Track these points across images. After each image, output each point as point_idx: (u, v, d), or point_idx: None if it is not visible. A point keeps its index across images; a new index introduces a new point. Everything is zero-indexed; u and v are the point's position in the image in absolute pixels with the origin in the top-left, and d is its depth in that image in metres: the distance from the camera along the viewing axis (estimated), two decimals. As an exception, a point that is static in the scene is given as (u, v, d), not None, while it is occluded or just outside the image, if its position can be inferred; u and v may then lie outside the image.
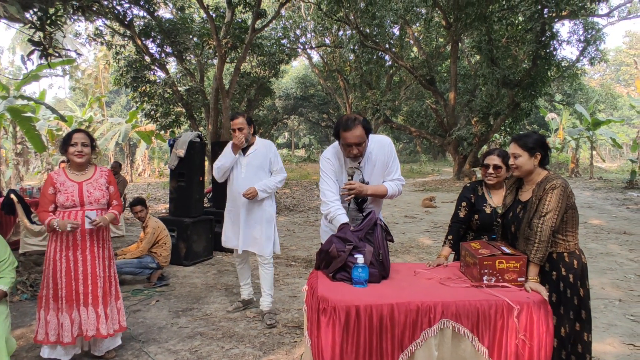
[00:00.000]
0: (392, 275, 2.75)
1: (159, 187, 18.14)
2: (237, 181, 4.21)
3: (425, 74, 18.96)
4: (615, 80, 52.58)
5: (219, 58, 14.40)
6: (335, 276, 2.64)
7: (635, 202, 13.27)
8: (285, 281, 5.55)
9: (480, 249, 2.67)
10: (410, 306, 2.36)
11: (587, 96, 29.64)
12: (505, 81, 15.92)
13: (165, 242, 5.57)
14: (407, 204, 12.85)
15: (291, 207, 12.20)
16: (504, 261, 2.59)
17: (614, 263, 6.45)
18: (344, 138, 2.91)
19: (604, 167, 31.54)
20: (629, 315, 4.44)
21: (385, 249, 2.68)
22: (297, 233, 8.69)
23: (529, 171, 2.71)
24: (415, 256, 6.69)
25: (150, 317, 4.41)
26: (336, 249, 2.65)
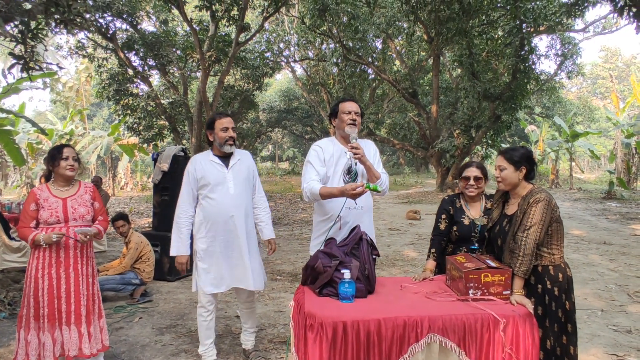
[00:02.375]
0: (378, 290, 2.75)
1: (141, 201, 17.92)
2: (226, 199, 3.40)
3: (407, 87, 19.17)
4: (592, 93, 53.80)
5: (202, 71, 14.37)
6: (321, 292, 2.63)
7: (614, 212, 13.51)
8: (270, 295, 5.51)
9: (465, 263, 2.69)
10: (397, 321, 2.36)
11: (565, 109, 30.28)
12: (486, 94, 16.18)
13: (148, 258, 5.49)
14: (391, 216, 12.90)
15: (275, 221, 12.15)
16: (490, 274, 2.61)
17: (596, 273, 6.54)
18: (344, 106, 3.15)
19: (583, 178, 32.11)
20: (612, 325, 4.50)
21: (371, 264, 2.68)
22: (282, 247, 8.65)
23: (513, 184, 2.74)
24: (401, 269, 6.71)
25: (133, 334, 4.33)
26: (322, 264, 2.65)
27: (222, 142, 3.46)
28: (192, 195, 3.48)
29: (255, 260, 3.56)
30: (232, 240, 3.43)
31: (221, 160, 3.50)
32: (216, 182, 3.43)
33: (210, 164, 3.48)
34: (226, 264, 3.44)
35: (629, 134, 20.09)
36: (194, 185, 3.47)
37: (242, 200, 3.48)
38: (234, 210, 3.43)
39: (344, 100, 3.21)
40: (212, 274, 3.43)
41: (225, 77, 16.04)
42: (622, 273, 6.55)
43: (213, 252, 3.43)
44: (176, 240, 3.46)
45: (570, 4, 13.41)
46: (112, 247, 8.69)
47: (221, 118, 3.49)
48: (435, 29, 17.36)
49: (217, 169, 3.47)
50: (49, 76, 13.49)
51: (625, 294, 5.53)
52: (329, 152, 3.12)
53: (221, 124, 3.46)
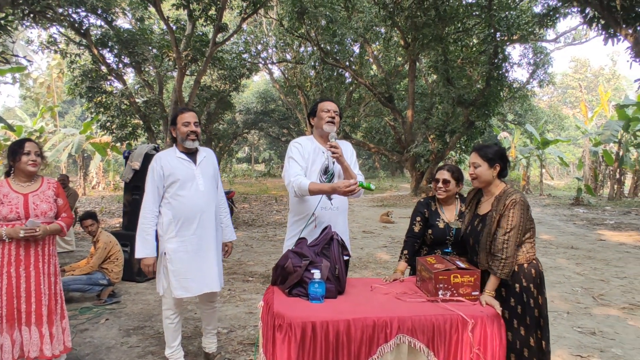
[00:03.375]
0: (349, 290, 2.73)
1: (113, 201, 17.56)
2: (196, 196, 3.30)
3: (384, 91, 19.31)
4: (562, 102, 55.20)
5: (178, 70, 14.18)
6: (291, 292, 2.60)
7: (581, 218, 13.85)
8: (241, 297, 5.44)
9: (435, 264, 2.69)
10: (366, 322, 2.34)
11: (536, 116, 30.92)
12: (460, 100, 16.41)
13: (117, 258, 5.36)
14: (365, 219, 12.94)
15: (250, 222, 12.06)
16: (459, 275, 2.61)
17: (563, 277, 6.66)
18: (324, 105, 3.16)
19: (552, 185, 32.87)
20: (577, 327, 4.58)
21: (341, 264, 2.66)
22: (255, 248, 8.58)
23: (487, 182, 2.75)
24: (373, 271, 6.71)
25: (98, 336, 4.20)
26: (292, 264, 2.61)
27: (183, 137, 3.35)
28: (157, 194, 3.33)
29: (220, 260, 3.51)
30: (204, 238, 3.34)
31: (188, 157, 3.40)
32: (185, 178, 3.32)
33: (178, 161, 3.37)
34: (197, 266, 3.31)
35: (596, 142, 20.64)
36: (159, 183, 3.32)
37: (211, 198, 3.41)
38: (205, 207, 3.34)
39: (324, 99, 3.21)
40: (182, 276, 3.29)
41: (201, 77, 15.86)
42: (588, 277, 6.69)
43: (184, 253, 3.29)
44: (142, 241, 3.29)
45: (542, 14, 13.73)
46: (80, 246, 8.47)
47: (183, 113, 3.39)
48: (411, 35, 17.54)
49: (186, 166, 3.36)
50: (19, 71, 13.12)
51: (590, 297, 5.65)
52: (307, 149, 3.09)
53: (183, 118, 3.36)
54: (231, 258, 7.52)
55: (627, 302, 5.44)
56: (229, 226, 3.66)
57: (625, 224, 12.28)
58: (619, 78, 54.70)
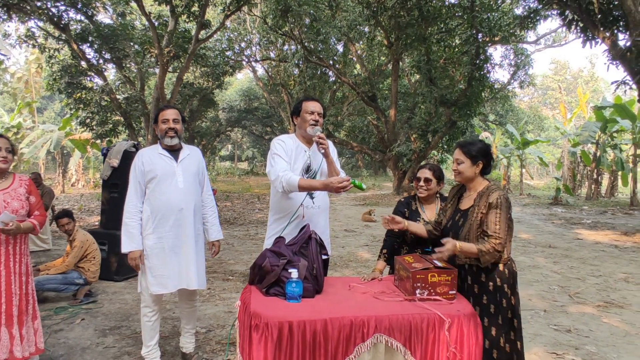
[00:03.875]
0: (327, 290, 2.71)
1: (93, 199, 17.29)
2: (174, 193, 3.29)
3: (367, 90, 19.35)
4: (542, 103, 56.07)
5: (160, 67, 14.03)
6: (268, 291, 2.57)
7: (560, 217, 14.07)
8: (221, 296, 5.39)
9: (413, 263, 2.69)
10: (343, 321, 2.33)
11: (517, 117, 31.39)
12: (443, 100, 16.53)
13: (94, 257, 5.26)
14: (347, 217, 12.96)
15: (231, 220, 11.98)
16: (436, 274, 2.62)
17: (540, 275, 6.75)
18: (307, 106, 3.08)
19: (532, 184, 33.34)
20: (553, 325, 4.64)
21: (319, 263, 2.64)
22: (236, 247, 8.52)
23: (469, 178, 2.77)
24: (354, 270, 6.72)
25: (73, 337, 4.12)
26: (270, 263, 2.59)
27: (162, 134, 3.35)
28: (140, 189, 3.33)
29: (201, 258, 3.47)
30: (181, 236, 3.32)
31: (170, 154, 3.39)
32: (164, 174, 3.31)
33: (159, 157, 3.36)
34: (174, 262, 3.30)
35: (575, 143, 21.01)
36: (141, 179, 3.32)
37: (191, 195, 3.38)
38: (183, 204, 3.31)
39: (308, 99, 3.14)
40: (159, 272, 3.28)
41: (184, 74, 15.71)
42: (565, 275, 6.79)
43: (161, 249, 3.28)
44: (127, 235, 3.27)
45: (523, 16, 13.90)
46: (57, 245, 8.31)
47: (164, 110, 3.39)
48: (395, 35, 17.61)
49: (166, 162, 3.36)
50: (-5, 65, 12.82)
51: (566, 295, 5.73)
52: (290, 147, 3.06)
53: (162, 115, 3.36)
54: (211, 257, 7.45)
55: (601, 300, 5.53)
56: (216, 225, 3.63)
57: (601, 224, 12.51)
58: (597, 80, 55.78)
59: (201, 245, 3.49)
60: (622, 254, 8.43)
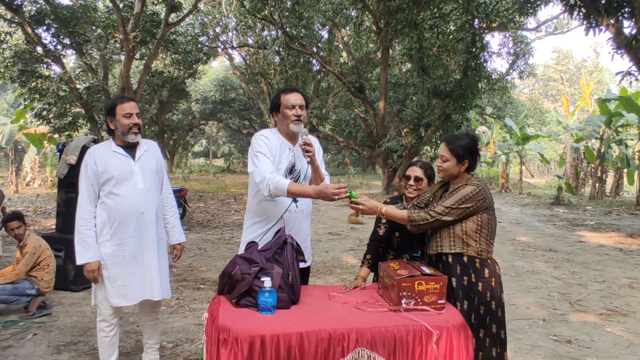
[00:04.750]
0: (304, 300, 2.70)
1: (50, 199, 17.01)
2: (134, 195, 3.25)
3: (354, 80, 19.37)
4: (544, 95, 56.82)
5: (126, 53, 13.87)
6: (239, 302, 2.56)
7: (561, 218, 14.25)
8: (191, 307, 5.34)
9: (398, 270, 2.69)
10: (321, 334, 2.31)
11: (516, 110, 31.74)
12: (436, 91, 16.61)
13: (48, 264, 5.16)
14: (332, 219, 12.96)
15: (204, 223, 11.89)
16: (424, 282, 2.61)
17: (540, 281, 6.83)
18: (287, 99, 3.03)
19: (532, 183, 33.77)
20: (552, 335, 4.68)
21: (295, 271, 2.63)
22: (209, 252, 8.46)
23: (453, 176, 2.86)
24: (338, 277, 6.71)
25: (24, 353, 4.04)
26: (240, 271, 2.57)
27: (125, 131, 3.27)
28: (93, 193, 3.27)
29: (164, 265, 3.44)
30: (143, 242, 3.30)
31: (126, 151, 3.33)
32: (121, 175, 3.26)
33: (114, 156, 3.30)
34: (136, 271, 3.27)
35: (578, 138, 21.29)
36: (94, 180, 3.25)
37: (152, 196, 3.36)
38: (144, 207, 3.29)
39: (287, 90, 3.09)
40: (119, 283, 3.25)
41: (152, 61, 15.57)
42: (566, 281, 6.88)
43: (121, 258, 3.25)
44: (82, 245, 3.22)
45: (523, 1, 14.01)
46: (8, 252, 8.14)
47: (123, 102, 3.31)
48: (384, 20, 17.63)
49: (122, 161, 3.30)
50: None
51: (567, 303, 5.80)
52: (273, 144, 3.03)
53: (123, 110, 3.27)
54: (181, 263, 7.40)
55: (604, 308, 5.60)
56: (177, 226, 3.63)
57: (605, 225, 12.70)
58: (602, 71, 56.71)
59: (164, 251, 3.48)
60: (627, 258, 8.57)
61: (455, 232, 2.75)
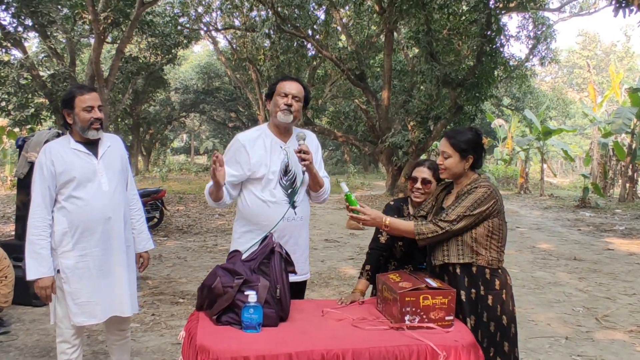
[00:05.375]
0: (294, 316, 2.69)
1: (10, 202, 16.97)
2: (98, 198, 3.20)
3: (354, 67, 19.39)
4: (568, 84, 57.03)
5: (95, 36, 13.85)
6: (220, 319, 2.55)
7: (587, 223, 14.31)
8: (168, 324, 5.34)
9: (400, 282, 2.68)
10: (313, 355, 2.30)
11: (537, 101, 31.79)
12: (447, 80, 16.65)
13: (5, 276, 5.14)
14: (329, 225, 12.99)
15: (185, 229, 11.89)
16: (430, 297, 2.61)
17: (562, 294, 6.85)
18: (282, 86, 3.08)
19: (555, 183, 33.90)
20: (576, 355, 4.70)
21: (284, 283, 2.62)
22: (190, 261, 8.47)
23: (457, 174, 2.84)
24: (335, 290, 6.72)
25: (-22, 377, 4.04)
26: (222, 283, 2.56)
27: (85, 126, 3.21)
28: (49, 196, 3.19)
29: (133, 278, 3.42)
30: (111, 251, 3.25)
31: (87, 148, 3.26)
32: (84, 176, 3.19)
33: (74, 154, 3.23)
34: (103, 285, 3.23)
35: (606, 132, 21.34)
36: (51, 183, 3.18)
37: (119, 199, 3.32)
38: (111, 211, 3.24)
39: (285, 78, 3.17)
40: (83, 299, 3.18)
41: (125, 45, 15.55)
42: (592, 294, 6.90)
43: (85, 270, 3.19)
44: (34, 257, 3.14)
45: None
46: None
47: (84, 94, 3.24)
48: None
49: (84, 160, 3.23)
50: None
51: (592, 318, 5.82)
52: (256, 150, 3.04)
53: (83, 102, 3.19)
54: (158, 274, 7.40)
55: (635, 324, 5.63)
56: (144, 232, 3.61)
57: (637, 231, 12.76)
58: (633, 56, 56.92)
59: (133, 260, 3.46)
60: (660, 268, 8.62)
61: (464, 239, 2.74)
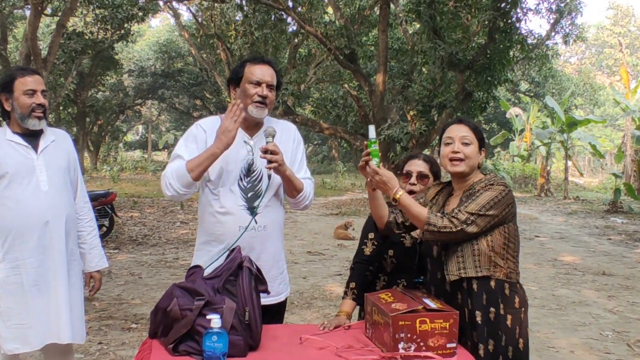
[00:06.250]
0: (266, 345, 2.70)
1: None
2: (35, 199, 3.20)
3: (343, 46, 19.39)
4: (597, 67, 57.56)
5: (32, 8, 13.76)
6: (177, 348, 2.55)
7: (619, 231, 14.45)
8: (118, 354, 5.34)
9: (393, 303, 2.69)
10: (288, 392, 2.32)
11: (560, 86, 31.99)
12: (453, 61, 16.68)
13: None
14: (312, 234, 13.00)
15: (140, 239, 11.85)
16: (428, 320, 2.62)
17: (589, 316, 6.91)
18: (252, 72, 2.98)
19: (582, 184, 34.22)
20: (604, 388, 4.75)
21: (254, 305, 2.62)
22: (145, 279, 8.45)
23: (473, 168, 2.81)
24: (319, 312, 6.75)
25: None
26: (179, 306, 2.56)
27: (25, 113, 3.22)
28: None
29: (77, 298, 3.40)
30: (48, 263, 3.24)
31: (25, 141, 3.27)
32: (18, 172, 3.19)
33: (9, 146, 3.23)
34: (39, 304, 3.21)
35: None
36: None
37: (61, 202, 3.31)
38: (50, 215, 3.23)
39: (254, 60, 3.05)
40: (15, 320, 3.18)
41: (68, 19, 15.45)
42: (623, 315, 6.98)
43: (17, 286, 3.19)
44: None
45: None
46: None
47: (25, 75, 3.25)
48: (383, -36, 17.71)
49: (20, 153, 3.23)
50: None
51: (624, 344, 5.88)
52: None
53: (24, 84, 3.21)
54: (107, 294, 7.37)
55: (673, 351, 5.70)
56: (96, 247, 3.59)
57: (677, 240, 12.91)
58: (674, 34, 57.49)
59: (78, 277, 3.44)
60: (703, 284, 8.73)
61: (480, 249, 2.70)
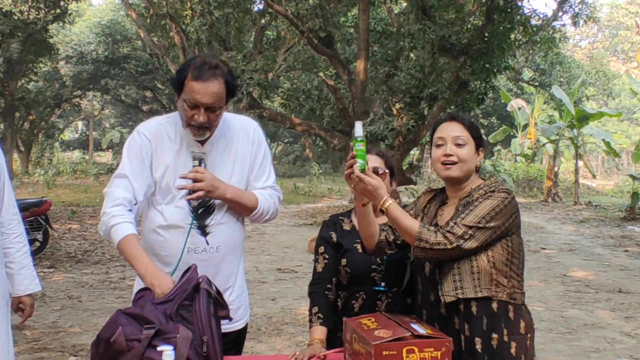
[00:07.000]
0: (228, 380, 2.70)
1: None
2: None
3: (317, 28, 19.40)
4: (611, 52, 58.20)
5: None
6: (122, 385, 2.54)
7: (637, 241, 14.59)
8: (54, 392, 5.30)
9: (376, 330, 2.69)
10: None
11: (569, 74, 32.30)
12: (445, 45, 16.75)
13: None
14: (283, 247, 13.00)
15: (79, 256, 11.76)
16: (416, 349, 2.62)
17: (603, 340, 6.97)
18: (191, 90, 2.84)
19: (594, 187, 34.48)
20: None
21: (213, 334, 2.63)
22: (86, 302, 8.39)
23: (469, 172, 2.81)
24: (291, 339, 6.75)
25: None
26: (125, 336, 2.54)
27: None
28: None
29: (3, 328, 3.37)
30: None
31: None
32: None
33: None
34: None
35: (661, 117, 21.88)
36: None
37: None
38: None
39: (200, 73, 2.86)
40: None
41: (-9, -5, 15.31)
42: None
43: None
44: None
45: None
46: None
47: None
48: None
49: None
50: None
51: (643, 373, 5.95)
52: (165, 149, 3.03)
53: None
54: (42, 320, 7.33)
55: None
56: (27, 266, 3.57)
57: (703, 251, 13.09)
58: (698, 13, 58.36)
59: (4, 303, 3.43)
60: None
61: (480, 265, 2.69)
